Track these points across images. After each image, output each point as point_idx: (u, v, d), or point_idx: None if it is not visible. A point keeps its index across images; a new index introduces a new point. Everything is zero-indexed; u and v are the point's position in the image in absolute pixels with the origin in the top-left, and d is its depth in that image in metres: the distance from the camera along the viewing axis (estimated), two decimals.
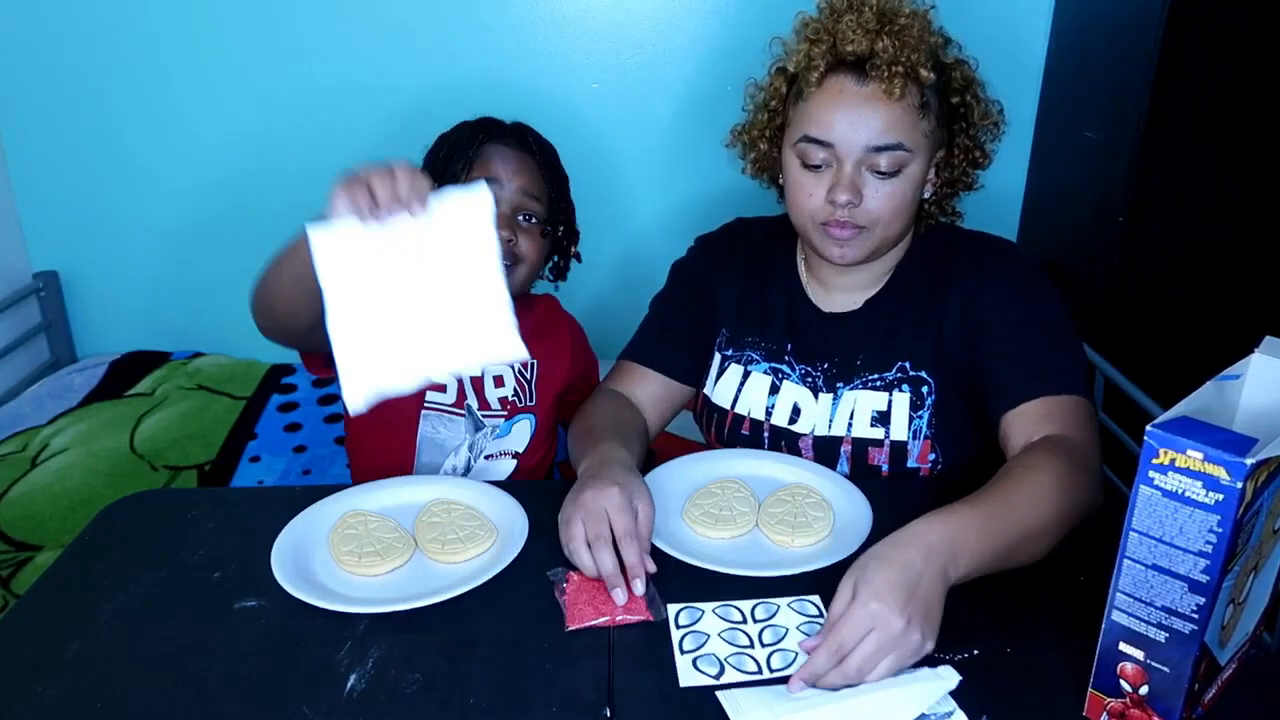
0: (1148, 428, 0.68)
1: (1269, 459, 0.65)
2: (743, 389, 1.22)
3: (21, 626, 0.92)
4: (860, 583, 0.80)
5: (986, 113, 1.15)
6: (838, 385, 1.17)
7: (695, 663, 0.84)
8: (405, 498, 1.09)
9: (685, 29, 2.08)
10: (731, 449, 1.20)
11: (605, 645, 0.86)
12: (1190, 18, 1.56)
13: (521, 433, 1.31)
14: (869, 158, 1.06)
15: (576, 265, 1.40)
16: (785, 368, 1.20)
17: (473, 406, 1.29)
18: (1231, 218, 1.68)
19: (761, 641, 0.86)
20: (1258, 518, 0.69)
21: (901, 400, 1.14)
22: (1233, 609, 0.73)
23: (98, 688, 0.82)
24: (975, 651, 0.84)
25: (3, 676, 0.84)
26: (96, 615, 0.91)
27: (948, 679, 0.79)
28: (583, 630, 0.88)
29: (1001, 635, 0.86)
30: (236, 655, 0.86)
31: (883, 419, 1.14)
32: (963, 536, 0.85)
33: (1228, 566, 0.67)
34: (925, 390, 1.14)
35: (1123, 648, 0.73)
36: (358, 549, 0.98)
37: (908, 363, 1.15)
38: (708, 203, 2.14)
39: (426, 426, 1.28)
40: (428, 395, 1.28)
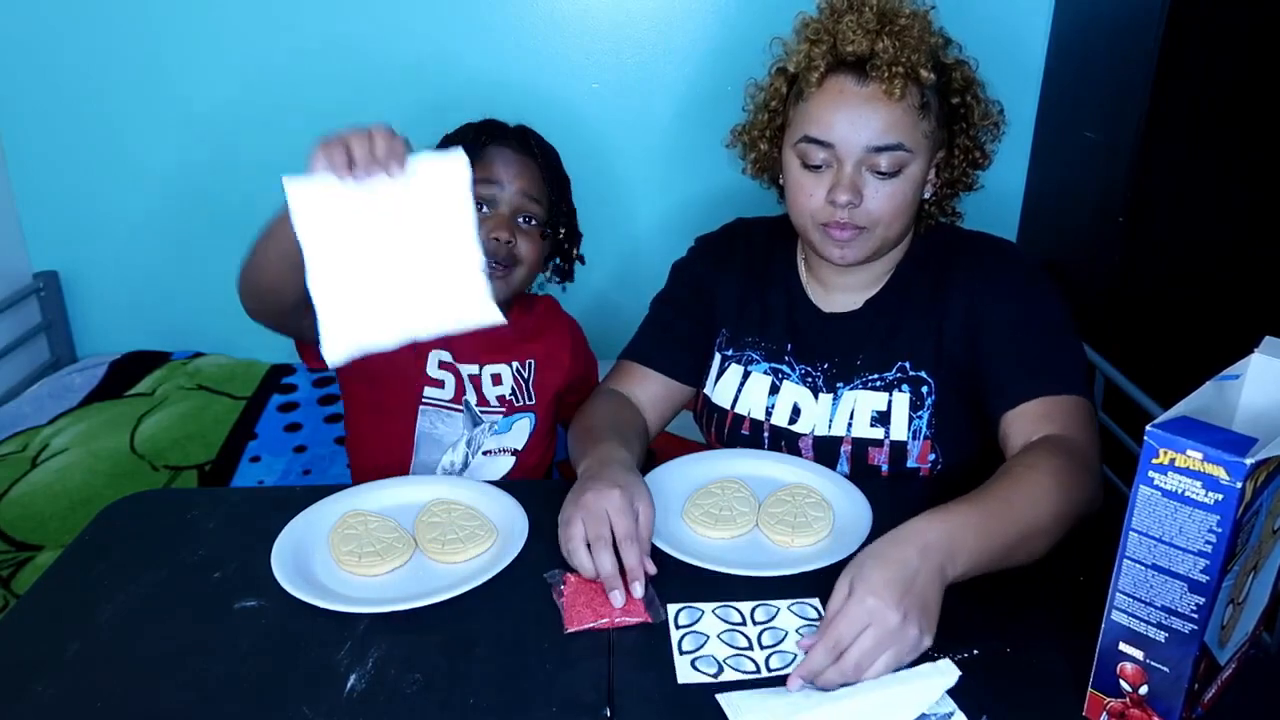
0: (1148, 428, 0.68)
1: (1269, 459, 0.65)
2: (743, 389, 1.22)
3: (21, 626, 0.92)
4: (856, 580, 0.80)
5: (987, 113, 1.15)
6: (838, 385, 1.17)
7: (694, 663, 0.84)
8: (405, 498, 1.09)
9: (685, 29, 2.08)
10: (731, 449, 1.20)
11: (605, 645, 0.86)
12: (1190, 18, 1.56)
13: (521, 430, 1.32)
14: (869, 158, 1.06)
15: (577, 265, 1.40)
16: (785, 368, 1.21)
17: (471, 402, 1.29)
18: (1231, 218, 1.68)
19: (760, 643, 0.86)
20: (1257, 518, 0.69)
21: (901, 400, 1.14)
22: (1232, 609, 0.73)
23: (98, 688, 0.82)
24: (975, 651, 0.84)
25: (3, 676, 0.84)
26: (96, 615, 0.91)
27: (947, 674, 0.79)
28: (582, 632, 0.88)
29: (1001, 635, 0.86)
30: (236, 655, 0.86)
31: (882, 419, 1.14)
32: (960, 535, 0.85)
33: (1227, 566, 0.67)
34: (925, 390, 1.14)
35: (1122, 648, 0.73)
36: (358, 549, 0.98)
37: (908, 363, 1.15)
38: (708, 203, 2.14)
39: (424, 422, 1.28)
40: (426, 391, 1.28)
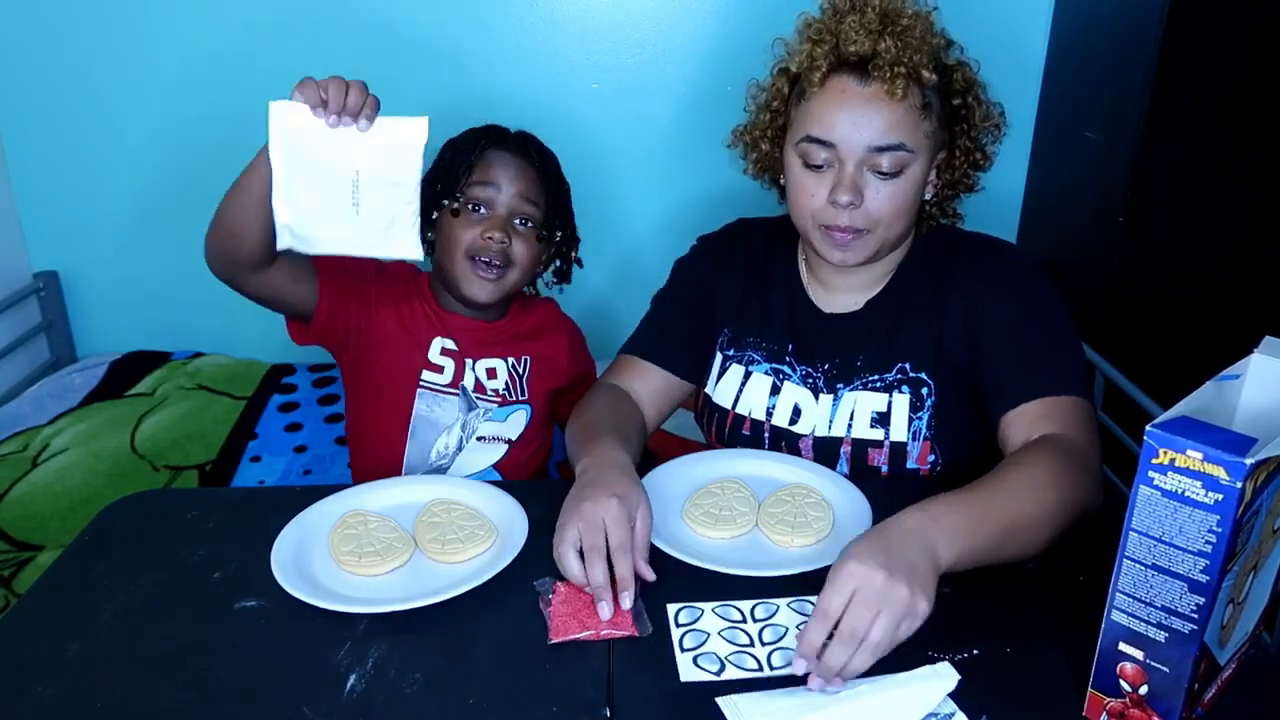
0: (1147, 428, 0.68)
1: (1268, 459, 0.65)
2: (744, 389, 1.22)
3: (21, 626, 0.92)
4: (839, 558, 0.81)
5: (988, 115, 1.15)
6: (838, 386, 1.17)
7: (696, 660, 0.84)
8: (405, 498, 1.09)
9: (685, 29, 2.08)
10: (731, 449, 1.20)
11: (605, 645, 0.86)
12: (1190, 18, 1.56)
13: (517, 421, 1.34)
14: (871, 158, 1.06)
15: (576, 266, 1.40)
16: (786, 368, 1.21)
17: (467, 387, 1.31)
18: (1231, 218, 1.68)
19: (761, 640, 0.86)
20: (1257, 518, 0.69)
21: (901, 401, 1.14)
22: (1232, 609, 0.73)
23: (98, 688, 0.82)
24: (975, 651, 0.84)
25: (3, 676, 0.84)
26: (96, 615, 0.91)
27: (946, 678, 0.79)
28: (566, 643, 0.87)
29: (1001, 635, 0.86)
30: (236, 655, 0.86)
31: (882, 420, 1.14)
32: (948, 519, 0.86)
33: (1227, 566, 0.67)
34: (925, 392, 1.14)
35: (1122, 648, 0.73)
36: (358, 549, 0.98)
37: (908, 364, 1.15)
38: (708, 203, 2.14)
39: (421, 405, 1.30)
40: (423, 375, 1.30)
